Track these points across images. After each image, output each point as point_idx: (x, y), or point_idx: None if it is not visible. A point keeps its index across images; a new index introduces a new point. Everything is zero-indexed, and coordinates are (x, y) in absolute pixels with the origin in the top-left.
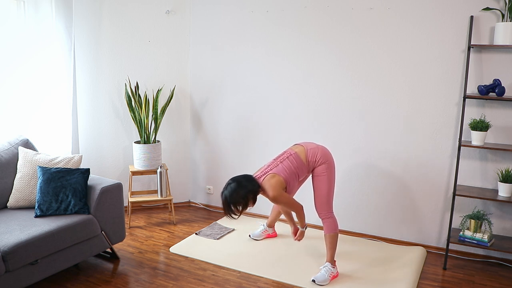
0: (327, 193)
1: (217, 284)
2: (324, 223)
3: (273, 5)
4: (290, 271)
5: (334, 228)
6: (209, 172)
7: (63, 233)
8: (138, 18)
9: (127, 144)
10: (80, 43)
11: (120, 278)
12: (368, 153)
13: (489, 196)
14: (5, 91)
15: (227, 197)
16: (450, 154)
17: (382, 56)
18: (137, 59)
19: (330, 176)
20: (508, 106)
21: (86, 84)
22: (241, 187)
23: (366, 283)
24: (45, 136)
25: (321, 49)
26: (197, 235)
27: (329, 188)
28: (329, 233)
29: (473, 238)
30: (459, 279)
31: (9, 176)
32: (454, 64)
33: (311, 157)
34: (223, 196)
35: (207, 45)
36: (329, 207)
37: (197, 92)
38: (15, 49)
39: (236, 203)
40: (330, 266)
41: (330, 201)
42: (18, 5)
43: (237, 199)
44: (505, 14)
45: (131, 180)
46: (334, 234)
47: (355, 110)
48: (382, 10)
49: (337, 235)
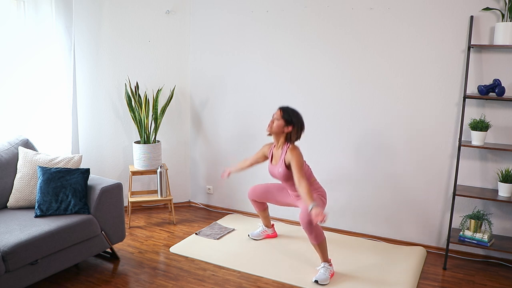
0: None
1: (217, 284)
2: (311, 233)
3: (273, 5)
4: (290, 271)
5: (321, 236)
6: (209, 172)
7: (63, 233)
8: (138, 18)
9: (127, 144)
10: (80, 43)
11: (120, 278)
12: (368, 153)
13: (489, 196)
14: (5, 91)
15: (289, 107)
16: (450, 154)
17: (382, 56)
18: (137, 59)
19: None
20: (508, 106)
21: (86, 84)
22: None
23: (366, 283)
24: (45, 136)
25: (321, 49)
26: (197, 235)
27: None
28: (318, 242)
29: (473, 238)
30: (459, 279)
31: (9, 176)
32: (454, 64)
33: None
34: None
35: (207, 45)
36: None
37: (197, 92)
38: (15, 49)
39: (292, 114)
40: (327, 265)
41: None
42: (18, 5)
43: (294, 113)
44: (505, 14)
45: (131, 180)
46: (322, 241)
47: (355, 109)
48: (382, 10)
49: (324, 240)
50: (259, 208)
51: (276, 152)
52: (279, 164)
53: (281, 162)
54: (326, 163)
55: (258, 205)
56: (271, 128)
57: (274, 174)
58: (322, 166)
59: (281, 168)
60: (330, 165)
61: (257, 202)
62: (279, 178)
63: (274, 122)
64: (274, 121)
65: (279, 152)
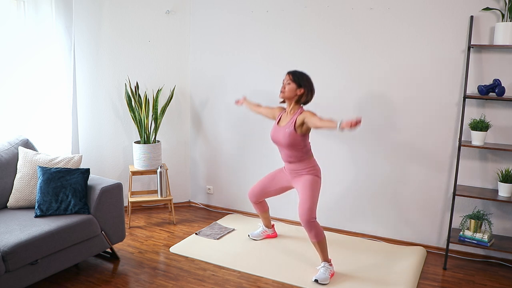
0: (311, 198)
1: (217, 284)
2: (310, 231)
3: (273, 5)
4: (290, 271)
5: (320, 234)
6: (209, 172)
7: (63, 233)
8: (138, 18)
9: (127, 144)
10: (80, 43)
11: (120, 278)
12: (367, 153)
13: (489, 196)
14: (5, 91)
15: (296, 70)
16: (450, 154)
17: (382, 56)
18: (137, 59)
19: (314, 183)
20: (508, 106)
21: (86, 84)
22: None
23: (366, 283)
24: (45, 136)
25: (321, 49)
26: (197, 235)
27: (313, 194)
28: (317, 240)
29: (473, 238)
30: (459, 279)
31: (9, 176)
32: (454, 64)
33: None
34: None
35: (207, 45)
36: (313, 214)
37: (197, 92)
38: (15, 49)
39: (301, 77)
40: (327, 265)
41: (314, 207)
42: (18, 5)
43: (303, 75)
44: (505, 14)
45: (131, 180)
46: (322, 239)
47: (355, 109)
48: (382, 10)
49: (324, 239)
50: (260, 210)
51: (285, 117)
52: (287, 125)
53: (291, 123)
54: (326, 163)
55: (259, 206)
56: (284, 93)
57: (277, 137)
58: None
59: (288, 129)
60: (330, 165)
61: (258, 203)
62: (281, 140)
63: (286, 87)
64: (286, 86)
65: (289, 117)
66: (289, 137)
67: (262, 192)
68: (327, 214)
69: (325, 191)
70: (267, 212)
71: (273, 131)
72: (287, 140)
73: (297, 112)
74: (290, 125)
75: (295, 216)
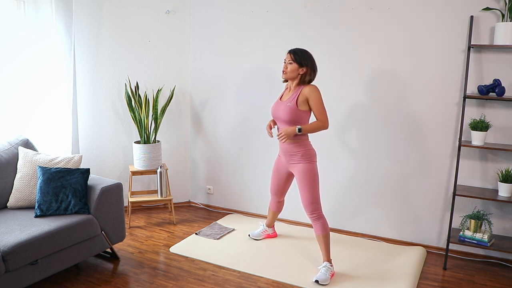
0: (313, 190)
1: (217, 284)
2: (316, 224)
3: (273, 5)
4: (290, 271)
5: (327, 228)
6: (209, 172)
7: (63, 233)
8: (138, 18)
9: (127, 144)
10: (80, 43)
11: (120, 278)
12: (367, 153)
13: (489, 196)
14: (5, 91)
15: (297, 48)
16: (450, 154)
17: (382, 56)
18: (137, 59)
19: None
20: (508, 106)
21: (86, 84)
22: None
23: (366, 283)
24: (45, 136)
25: (320, 49)
26: (197, 235)
27: (313, 186)
28: (323, 233)
29: (473, 238)
30: (459, 279)
31: (9, 176)
32: (454, 64)
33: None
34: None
35: (207, 45)
36: (318, 206)
37: (197, 92)
38: (15, 49)
39: (302, 55)
40: (328, 265)
41: (317, 198)
42: (18, 5)
43: (305, 53)
44: (505, 14)
45: (131, 180)
46: (327, 233)
47: (355, 110)
48: (382, 10)
49: (329, 234)
50: (276, 209)
51: (287, 93)
52: (289, 99)
53: (293, 98)
54: (326, 163)
55: (279, 205)
56: (286, 73)
57: (277, 111)
58: (322, 167)
59: (290, 103)
60: (330, 166)
61: (279, 203)
62: (281, 115)
63: (288, 66)
64: (288, 66)
65: (291, 93)
66: (290, 112)
67: (279, 187)
68: (327, 214)
69: (325, 191)
70: (279, 213)
71: (274, 106)
72: (287, 116)
73: (300, 88)
74: (291, 100)
75: (295, 216)
